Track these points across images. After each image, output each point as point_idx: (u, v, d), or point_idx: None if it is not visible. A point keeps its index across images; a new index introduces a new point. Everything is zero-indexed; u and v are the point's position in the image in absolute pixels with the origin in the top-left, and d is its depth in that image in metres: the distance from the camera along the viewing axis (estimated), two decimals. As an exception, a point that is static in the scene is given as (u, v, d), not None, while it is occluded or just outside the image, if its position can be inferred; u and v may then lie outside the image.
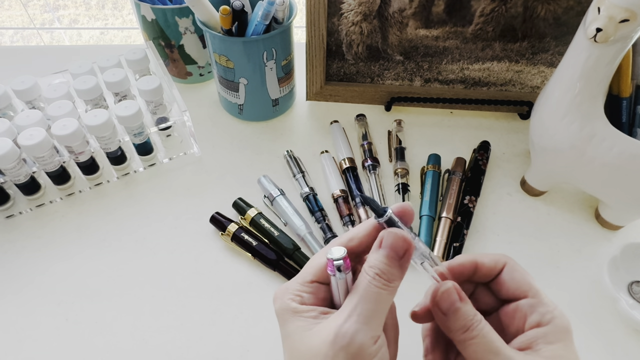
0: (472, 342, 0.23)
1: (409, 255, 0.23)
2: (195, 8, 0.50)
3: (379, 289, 0.23)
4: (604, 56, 0.37)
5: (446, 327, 0.24)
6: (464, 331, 0.23)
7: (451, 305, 0.24)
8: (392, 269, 0.23)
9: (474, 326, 0.23)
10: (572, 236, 0.47)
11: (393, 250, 0.23)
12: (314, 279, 0.25)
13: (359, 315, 0.22)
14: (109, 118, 0.47)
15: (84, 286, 0.44)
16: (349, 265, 0.24)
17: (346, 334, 0.22)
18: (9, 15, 1.78)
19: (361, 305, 0.22)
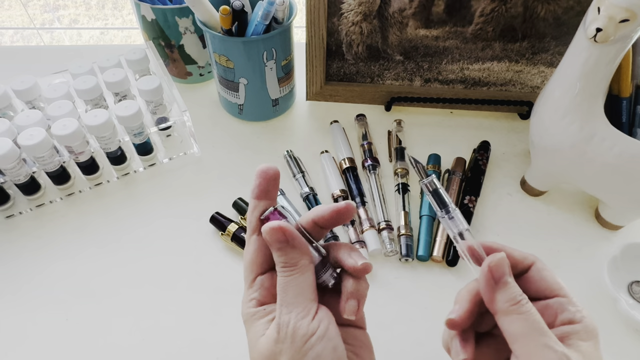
0: (520, 317, 0.23)
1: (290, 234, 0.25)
2: (195, 8, 0.50)
3: (288, 275, 0.25)
4: (604, 56, 0.37)
5: (492, 297, 0.24)
6: (512, 304, 0.23)
7: (504, 274, 0.24)
8: (288, 255, 0.25)
9: (523, 302, 0.23)
10: (572, 236, 0.47)
11: (278, 242, 0.25)
12: (254, 275, 0.27)
13: (285, 306, 0.24)
14: (109, 118, 0.47)
15: (84, 286, 0.44)
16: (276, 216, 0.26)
17: (283, 326, 0.23)
18: (9, 15, 1.78)
19: (283, 296, 0.24)
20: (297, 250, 0.25)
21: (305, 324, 0.23)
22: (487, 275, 0.24)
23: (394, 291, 0.43)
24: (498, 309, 0.24)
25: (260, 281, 0.26)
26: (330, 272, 0.27)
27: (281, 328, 0.23)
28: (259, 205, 0.27)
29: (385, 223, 0.47)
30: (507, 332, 0.23)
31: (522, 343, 0.23)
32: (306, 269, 0.25)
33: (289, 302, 0.24)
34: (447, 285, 0.44)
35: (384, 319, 0.42)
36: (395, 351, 0.40)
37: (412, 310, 0.42)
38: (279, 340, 0.23)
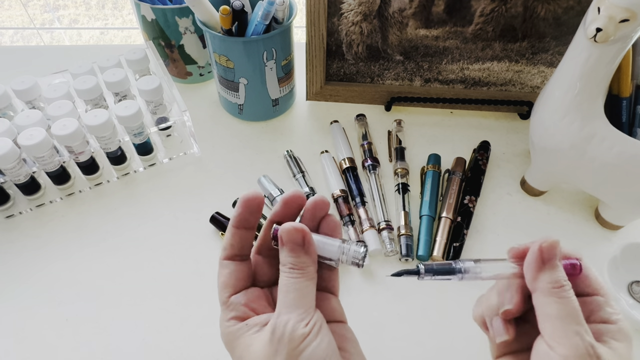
0: (559, 300, 0.23)
1: (308, 241, 0.25)
2: (195, 8, 0.50)
3: (295, 278, 0.24)
4: (604, 56, 0.37)
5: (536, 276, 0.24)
6: (556, 286, 0.23)
7: (554, 257, 0.24)
8: (299, 258, 0.25)
9: (566, 287, 0.23)
10: (572, 236, 0.47)
11: (293, 243, 0.25)
12: (228, 295, 0.26)
13: (285, 307, 0.24)
14: (109, 118, 0.47)
15: (84, 286, 0.44)
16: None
17: (279, 326, 0.23)
18: (9, 15, 1.78)
19: (284, 298, 0.24)
20: (309, 256, 0.25)
21: (302, 325, 0.23)
22: (537, 254, 0.24)
23: (394, 291, 0.43)
24: (538, 288, 0.24)
25: (236, 299, 0.26)
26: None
27: (277, 328, 0.23)
28: (236, 233, 0.27)
29: (385, 223, 0.47)
30: (541, 312, 0.23)
31: (553, 325, 0.23)
32: (312, 276, 0.25)
33: (289, 303, 0.24)
34: (447, 285, 0.44)
35: (384, 319, 0.42)
36: (395, 351, 0.40)
37: (412, 310, 0.42)
38: (273, 340, 0.23)
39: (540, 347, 0.23)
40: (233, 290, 0.26)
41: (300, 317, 0.23)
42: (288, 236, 0.25)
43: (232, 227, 0.27)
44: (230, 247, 0.27)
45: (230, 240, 0.27)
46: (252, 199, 0.26)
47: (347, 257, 0.26)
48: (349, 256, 0.26)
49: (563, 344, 0.22)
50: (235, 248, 0.27)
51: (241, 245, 0.27)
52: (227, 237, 0.27)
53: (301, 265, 0.25)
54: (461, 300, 0.43)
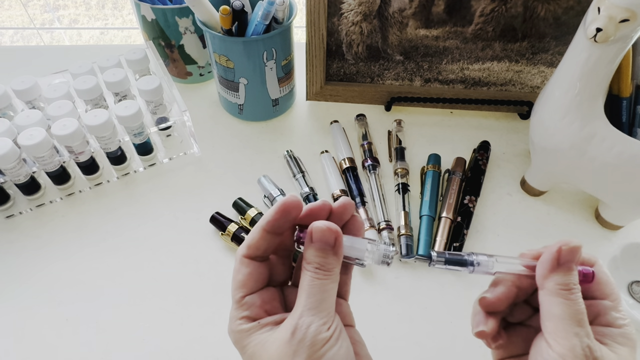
0: (566, 302, 0.23)
1: (339, 243, 0.24)
2: (195, 8, 0.50)
3: (322, 278, 0.24)
4: (604, 56, 0.37)
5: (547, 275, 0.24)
6: (564, 288, 0.23)
7: (571, 261, 0.24)
8: (327, 259, 0.24)
9: (574, 290, 0.24)
10: (572, 236, 0.47)
11: (324, 243, 0.24)
12: (243, 295, 0.26)
13: (309, 309, 0.23)
14: (109, 118, 0.47)
15: (84, 286, 0.44)
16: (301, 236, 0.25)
17: (301, 328, 0.23)
18: (9, 15, 1.78)
19: (308, 299, 0.23)
20: (337, 259, 0.24)
21: (325, 329, 0.23)
22: (554, 255, 0.24)
23: (394, 291, 0.43)
24: (547, 286, 0.24)
25: (251, 299, 0.26)
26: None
27: (299, 329, 0.23)
28: (265, 237, 0.25)
29: (385, 223, 0.47)
30: (546, 310, 0.24)
31: (555, 324, 0.23)
32: (336, 279, 0.24)
33: (313, 305, 0.23)
34: (447, 285, 0.44)
35: (384, 319, 0.42)
36: (395, 351, 0.40)
37: (412, 310, 0.42)
38: (292, 341, 0.22)
39: (539, 344, 0.23)
40: (249, 291, 0.26)
41: (323, 321, 0.23)
42: (320, 235, 0.24)
43: (263, 230, 0.25)
44: (256, 249, 0.26)
45: (257, 242, 0.26)
46: (292, 206, 0.25)
47: (377, 256, 0.26)
48: (378, 255, 0.26)
49: (562, 343, 0.22)
50: (260, 250, 0.26)
51: (266, 248, 0.26)
52: (255, 238, 0.26)
53: (328, 266, 0.24)
54: (461, 301, 0.43)
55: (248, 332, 0.25)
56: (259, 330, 0.25)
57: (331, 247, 0.24)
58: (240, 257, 0.26)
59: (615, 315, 0.24)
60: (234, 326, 0.26)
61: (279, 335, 0.23)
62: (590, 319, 0.24)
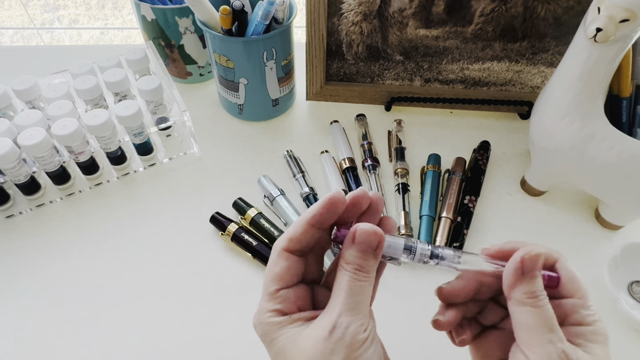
0: (534, 310, 0.23)
1: (381, 246, 0.24)
2: (195, 8, 0.50)
3: (361, 280, 0.24)
4: (604, 56, 0.37)
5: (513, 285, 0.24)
6: (531, 297, 0.24)
7: (534, 269, 0.24)
8: (368, 261, 0.24)
9: (540, 297, 0.24)
10: (572, 236, 0.47)
11: (367, 245, 0.24)
12: (278, 288, 0.26)
13: (348, 310, 0.23)
14: (109, 118, 0.47)
15: (84, 286, 0.44)
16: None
17: (340, 327, 0.23)
18: (9, 15, 1.78)
19: (348, 299, 0.23)
20: (377, 261, 0.25)
21: (362, 330, 0.23)
22: (517, 265, 0.24)
23: (394, 291, 0.43)
24: (514, 297, 0.24)
25: (285, 294, 0.25)
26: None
27: (338, 328, 0.23)
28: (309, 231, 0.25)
29: (385, 223, 0.47)
30: (516, 320, 0.24)
31: (527, 333, 0.23)
32: (373, 281, 0.25)
33: (353, 306, 0.23)
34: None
35: (384, 319, 0.42)
36: (395, 351, 0.40)
37: (412, 310, 0.42)
38: (330, 339, 0.22)
39: (516, 355, 0.24)
40: (284, 285, 0.26)
41: (361, 322, 0.23)
42: (365, 237, 0.24)
43: (308, 223, 0.25)
44: (298, 242, 0.25)
45: (300, 235, 0.25)
46: (339, 201, 0.25)
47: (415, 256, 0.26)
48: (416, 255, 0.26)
49: (537, 352, 0.22)
50: (301, 244, 0.26)
51: (307, 243, 0.26)
52: (298, 232, 0.25)
53: (368, 268, 0.24)
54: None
55: (279, 325, 0.24)
56: (290, 325, 0.24)
57: (373, 249, 0.24)
58: (280, 249, 0.26)
59: (584, 312, 0.24)
60: (264, 318, 0.25)
61: (314, 332, 0.23)
62: (561, 320, 0.24)
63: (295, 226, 0.26)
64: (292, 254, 0.26)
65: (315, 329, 0.23)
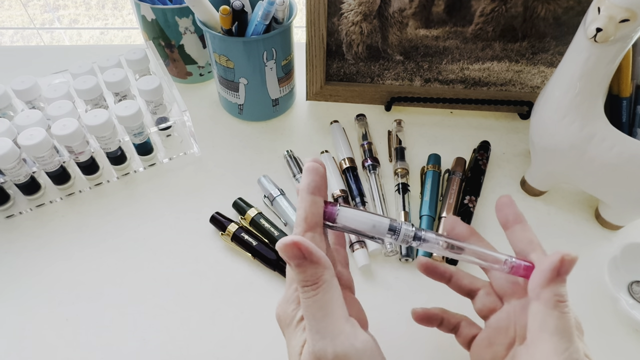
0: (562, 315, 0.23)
1: (307, 249, 0.23)
2: (195, 8, 0.50)
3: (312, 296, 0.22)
4: (604, 56, 0.37)
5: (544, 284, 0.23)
6: (561, 300, 0.23)
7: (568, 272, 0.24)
8: (307, 272, 0.23)
9: (567, 302, 0.23)
10: (572, 236, 0.47)
11: (295, 258, 0.23)
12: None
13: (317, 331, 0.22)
14: (109, 118, 0.47)
15: (84, 286, 0.44)
16: None
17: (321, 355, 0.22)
18: (9, 15, 1.78)
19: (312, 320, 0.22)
20: (317, 265, 0.23)
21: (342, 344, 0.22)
22: (556, 265, 0.23)
23: (394, 291, 0.43)
24: (543, 297, 0.23)
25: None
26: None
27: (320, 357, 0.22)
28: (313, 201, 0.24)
29: (385, 223, 0.47)
30: (537, 322, 0.23)
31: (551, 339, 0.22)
32: (330, 284, 0.23)
33: (318, 327, 0.22)
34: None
35: (384, 319, 0.42)
36: (395, 351, 0.40)
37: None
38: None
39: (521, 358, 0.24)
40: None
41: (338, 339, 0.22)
42: (287, 253, 0.23)
43: (309, 194, 0.25)
44: (312, 216, 0.24)
45: (309, 208, 0.24)
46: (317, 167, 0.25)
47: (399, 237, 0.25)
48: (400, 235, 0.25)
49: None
50: (315, 216, 0.24)
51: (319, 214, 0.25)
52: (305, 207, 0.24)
53: (312, 278, 0.23)
54: (461, 301, 0.43)
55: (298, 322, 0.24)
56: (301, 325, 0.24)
57: (302, 258, 0.22)
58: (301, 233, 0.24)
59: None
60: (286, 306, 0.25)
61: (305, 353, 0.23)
62: None
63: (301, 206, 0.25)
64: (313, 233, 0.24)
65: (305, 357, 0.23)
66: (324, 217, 0.25)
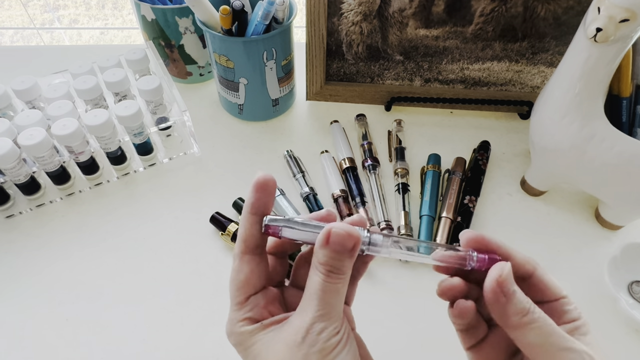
0: (535, 325, 0.22)
1: (357, 247, 0.23)
2: (195, 8, 0.50)
3: (334, 282, 0.23)
4: (604, 56, 0.37)
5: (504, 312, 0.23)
6: (524, 314, 0.22)
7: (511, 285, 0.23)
8: (343, 262, 0.23)
9: (532, 309, 0.23)
10: (572, 236, 0.47)
11: (342, 247, 0.23)
12: (246, 296, 0.25)
13: (321, 315, 0.22)
14: (109, 118, 0.47)
15: (84, 286, 0.44)
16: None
17: (313, 333, 0.22)
18: (9, 15, 1.78)
19: (321, 302, 0.23)
20: (352, 262, 0.23)
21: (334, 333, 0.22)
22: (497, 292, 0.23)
23: (394, 291, 0.43)
24: (510, 324, 0.23)
25: (255, 300, 0.25)
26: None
27: (310, 334, 0.22)
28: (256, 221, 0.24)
29: (385, 223, 0.47)
30: (523, 344, 0.23)
31: (541, 351, 0.22)
32: (347, 282, 0.24)
33: (325, 310, 0.22)
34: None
35: (383, 319, 0.42)
36: (395, 351, 0.40)
37: (412, 310, 0.42)
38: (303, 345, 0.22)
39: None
40: (252, 291, 0.25)
41: (334, 326, 0.22)
42: (339, 239, 0.23)
43: (250, 214, 0.24)
44: (252, 238, 0.24)
45: (249, 229, 0.24)
46: (267, 181, 0.24)
47: None
48: None
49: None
50: (255, 238, 0.25)
51: (262, 238, 0.25)
52: (245, 228, 0.24)
53: (343, 269, 0.23)
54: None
55: (251, 334, 0.24)
56: (263, 331, 0.24)
57: (349, 251, 0.23)
58: (239, 254, 0.25)
59: (571, 308, 0.25)
60: (236, 328, 0.25)
61: (287, 336, 0.23)
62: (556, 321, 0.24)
63: (242, 225, 0.25)
64: (252, 255, 0.25)
65: (288, 334, 0.23)
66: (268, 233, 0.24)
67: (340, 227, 0.23)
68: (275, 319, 0.24)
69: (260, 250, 0.25)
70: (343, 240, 0.23)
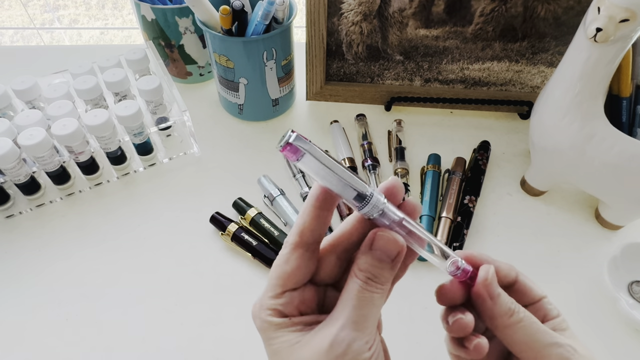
0: (521, 325, 0.23)
1: (401, 257, 0.23)
2: (195, 8, 0.50)
3: (372, 293, 0.22)
4: (604, 56, 0.37)
5: (492, 314, 0.23)
6: (510, 315, 0.23)
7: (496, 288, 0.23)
8: (384, 272, 0.22)
9: (516, 309, 0.23)
10: (572, 236, 0.47)
11: (385, 253, 0.22)
12: (284, 290, 0.24)
13: (354, 323, 0.21)
14: (109, 118, 0.47)
15: (84, 286, 0.44)
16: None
17: (342, 342, 0.21)
18: (9, 15, 1.78)
19: (355, 311, 0.22)
20: (394, 273, 0.23)
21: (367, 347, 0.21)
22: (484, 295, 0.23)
23: (394, 291, 0.43)
24: (497, 325, 0.23)
25: (290, 296, 0.24)
26: None
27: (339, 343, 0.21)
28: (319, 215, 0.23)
29: (385, 223, 0.47)
30: (510, 343, 0.23)
31: (527, 348, 0.23)
32: (386, 293, 0.23)
33: (358, 319, 0.21)
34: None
35: (384, 319, 0.42)
36: (395, 351, 0.40)
37: (412, 310, 0.42)
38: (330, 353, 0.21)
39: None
40: (292, 286, 0.24)
41: (366, 339, 0.21)
42: (383, 244, 0.22)
43: (315, 207, 0.23)
44: (310, 233, 0.23)
45: (309, 223, 0.23)
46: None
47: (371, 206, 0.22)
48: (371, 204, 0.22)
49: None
50: (315, 233, 0.23)
51: (320, 231, 0.23)
52: (305, 220, 0.23)
53: (383, 279, 0.22)
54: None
55: (277, 327, 0.23)
56: (289, 328, 0.23)
57: (391, 260, 0.22)
58: (292, 245, 0.23)
59: (551, 307, 0.25)
60: (263, 315, 0.23)
61: (313, 341, 0.22)
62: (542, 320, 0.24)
63: (301, 217, 0.23)
64: (304, 251, 0.23)
65: (315, 339, 0.22)
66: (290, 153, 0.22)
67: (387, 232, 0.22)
68: (304, 320, 0.23)
69: (314, 247, 0.24)
70: (387, 245, 0.22)
